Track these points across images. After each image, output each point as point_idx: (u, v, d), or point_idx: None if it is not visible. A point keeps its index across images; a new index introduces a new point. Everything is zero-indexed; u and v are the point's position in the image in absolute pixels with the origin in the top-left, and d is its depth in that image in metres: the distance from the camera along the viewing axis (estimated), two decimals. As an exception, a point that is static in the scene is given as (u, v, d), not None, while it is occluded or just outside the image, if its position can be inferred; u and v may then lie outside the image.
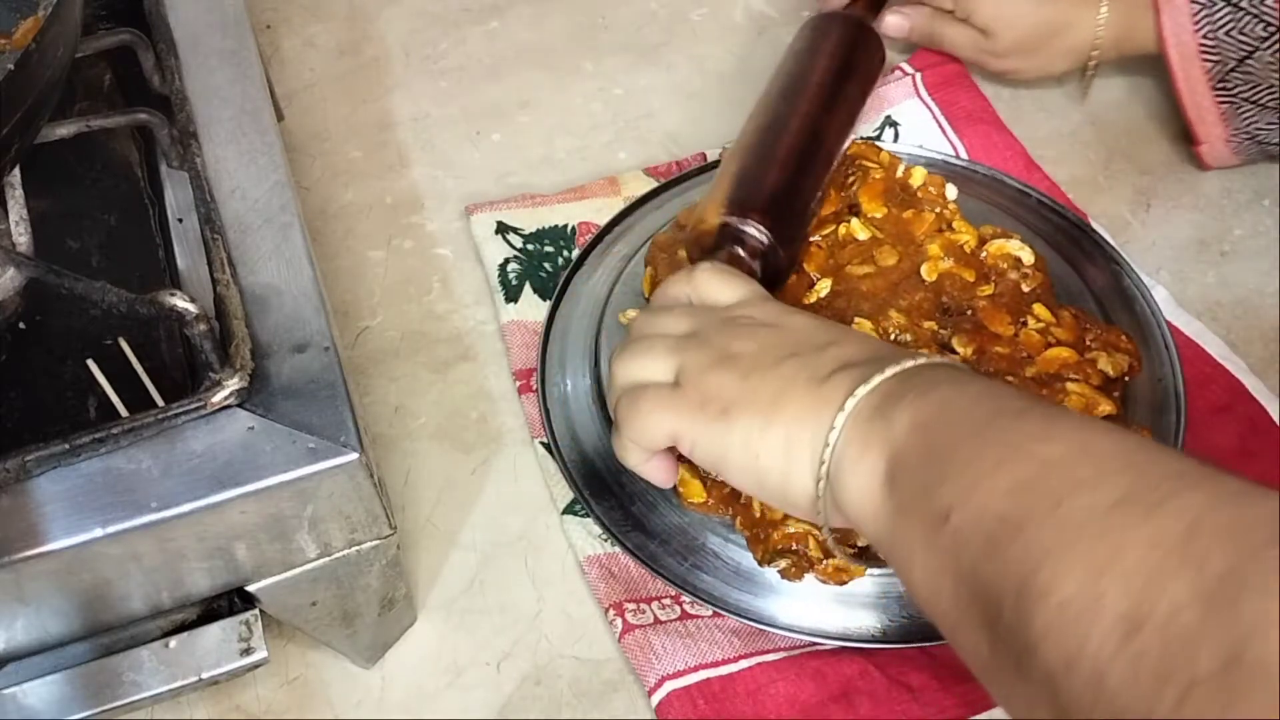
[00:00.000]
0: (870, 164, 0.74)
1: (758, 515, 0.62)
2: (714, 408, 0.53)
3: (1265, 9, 0.72)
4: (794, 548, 0.62)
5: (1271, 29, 0.72)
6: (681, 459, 0.65)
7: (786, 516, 0.62)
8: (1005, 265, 0.70)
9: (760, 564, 0.62)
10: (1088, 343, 0.68)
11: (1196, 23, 0.74)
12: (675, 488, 0.65)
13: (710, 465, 0.55)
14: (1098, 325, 0.69)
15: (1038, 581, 0.39)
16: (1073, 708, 0.37)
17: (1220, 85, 0.75)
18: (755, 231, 0.66)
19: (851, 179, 0.74)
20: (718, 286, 0.60)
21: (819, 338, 0.54)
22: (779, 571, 0.62)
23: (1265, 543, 0.35)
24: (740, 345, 0.54)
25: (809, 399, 0.51)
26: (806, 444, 0.50)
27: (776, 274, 0.67)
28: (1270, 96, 0.74)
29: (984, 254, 0.70)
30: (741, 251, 0.66)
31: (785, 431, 0.51)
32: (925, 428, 0.47)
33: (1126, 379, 0.67)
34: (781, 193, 0.68)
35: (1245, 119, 0.76)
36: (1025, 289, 0.69)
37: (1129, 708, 0.35)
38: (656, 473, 0.60)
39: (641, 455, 0.58)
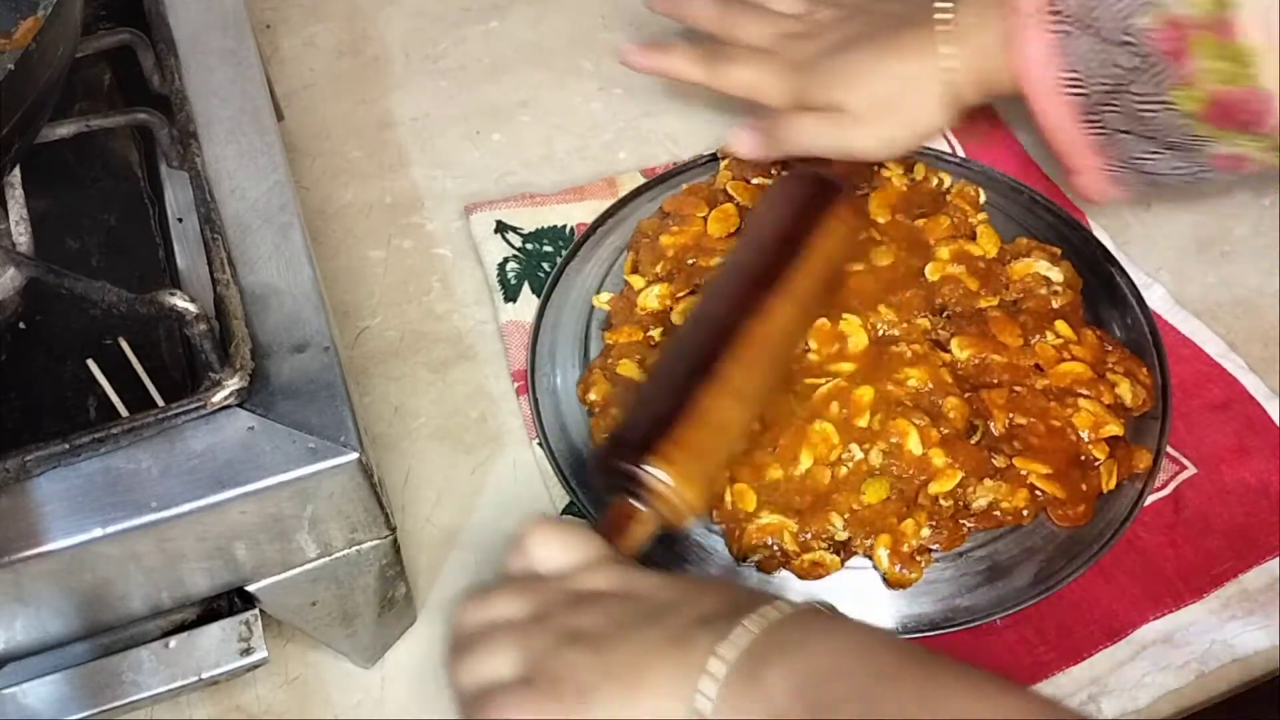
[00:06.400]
0: (890, 171, 0.74)
1: (729, 508, 0.62)
2: (570, 693, 0.48)
3: (1131, 36, 0.62)
4: (768, 542, 0.62)
5: (1142, 58, 0.62)
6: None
7: (759, 509, 0.62)
8: (1033, 282, 0.70)
9: (736, 560, 0.62)
10: (1109, 364, 0.67)
11: (1056, 56, 0.64)
12: None
13: None
14: (1121, 350, 0.68)
15: None
16: None
17: (1089, 118, 0.65)
18: (651, 475, 0.57)
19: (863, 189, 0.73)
20: (553, 551, 0.54)
21: (669, 595, 0.51)
22: (756, 564, 0.62)
23: None
24: (588, 620, 0.50)
25: (670, 665, 0.48)
26: (678, 713, 0.47)
27: (684, 514, 0.58)
28: (1150, 128, 0.64)
29: (1006, 271, 0.70)
30: (638, 499, 0.57)
31: (652, 704, 0.47)
32: (802, 694, 0.45)
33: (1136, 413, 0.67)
34: (685, 427, 0.58)
35: (1122, 148, 0.66)
36: (1055, 305, 0.69)
37: None
38: None
39: None
